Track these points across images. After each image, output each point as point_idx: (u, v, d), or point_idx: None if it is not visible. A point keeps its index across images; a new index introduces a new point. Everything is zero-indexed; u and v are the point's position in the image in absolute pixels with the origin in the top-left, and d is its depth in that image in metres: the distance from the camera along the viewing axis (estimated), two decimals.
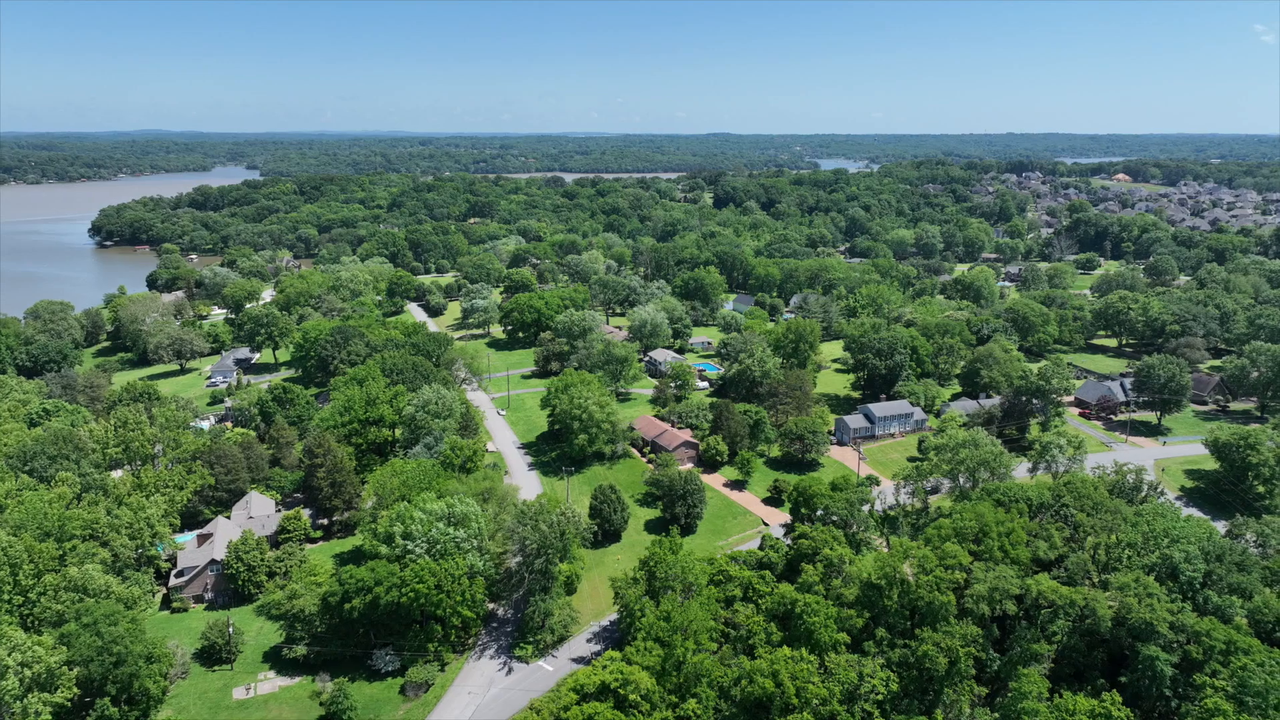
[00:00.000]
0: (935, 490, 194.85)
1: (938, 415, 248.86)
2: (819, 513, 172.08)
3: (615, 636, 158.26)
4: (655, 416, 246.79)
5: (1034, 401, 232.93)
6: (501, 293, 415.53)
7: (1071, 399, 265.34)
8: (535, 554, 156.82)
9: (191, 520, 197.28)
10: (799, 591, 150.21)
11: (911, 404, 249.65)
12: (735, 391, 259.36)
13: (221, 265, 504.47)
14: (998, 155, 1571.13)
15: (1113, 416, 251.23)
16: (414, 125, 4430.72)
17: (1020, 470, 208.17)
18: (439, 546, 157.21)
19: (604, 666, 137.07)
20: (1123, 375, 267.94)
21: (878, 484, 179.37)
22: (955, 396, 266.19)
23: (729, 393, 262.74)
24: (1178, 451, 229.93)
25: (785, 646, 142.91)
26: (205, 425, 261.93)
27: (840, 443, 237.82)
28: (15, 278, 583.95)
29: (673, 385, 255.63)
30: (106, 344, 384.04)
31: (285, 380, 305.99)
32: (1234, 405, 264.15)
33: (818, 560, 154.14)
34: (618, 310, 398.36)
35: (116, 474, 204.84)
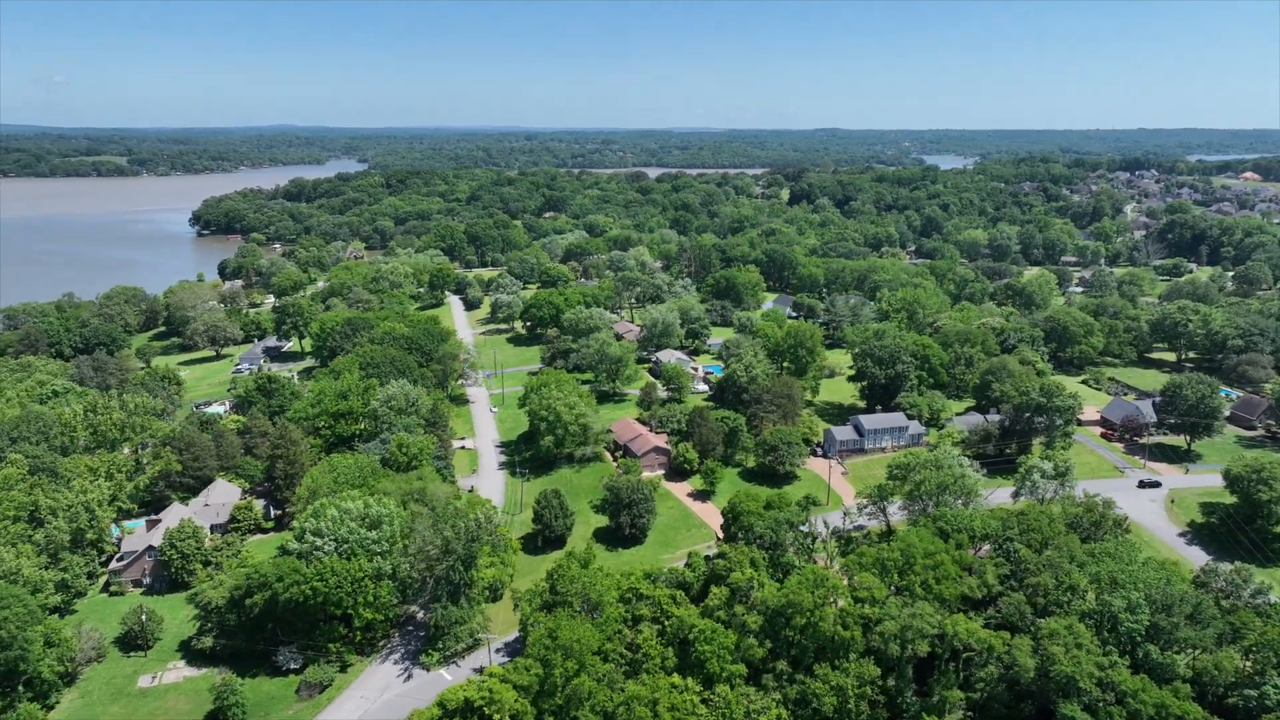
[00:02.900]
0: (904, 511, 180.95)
1: (940, 429, 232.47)
2: (753, 531, 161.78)
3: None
4: (637, 420, 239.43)
5: (1038, 419, 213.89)
6: (539, 288, 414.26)
7: (1097, 418, 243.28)
8: (437, 559, 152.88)
9: (159, 505, 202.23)
10: (701, 616, 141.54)
11: (909, 416, 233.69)
12: (727, 397, 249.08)
13: (281, 255, 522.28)
14: (1122, 152, 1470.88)
15: (1138, 439, 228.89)
16: (524, 120, 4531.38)
17: (1004, 495, 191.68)
18: (347, 546, 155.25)
19: (481, 682, 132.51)
20: (1158, 395, 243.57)
21: (817, 504, 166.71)
22: (968, 410, 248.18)
23: (724, 398, 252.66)
24: (1200, 481, 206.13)
25: (676, 674, 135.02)
26: (220, 410, 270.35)
27: (826, 455, 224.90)
28: (113, 264, 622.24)
29: (661, 388, 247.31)
30: (162, 329, 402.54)
31: (306, 369, 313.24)
32: None
33: (725, 583, 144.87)
34: (644, 309, 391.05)
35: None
